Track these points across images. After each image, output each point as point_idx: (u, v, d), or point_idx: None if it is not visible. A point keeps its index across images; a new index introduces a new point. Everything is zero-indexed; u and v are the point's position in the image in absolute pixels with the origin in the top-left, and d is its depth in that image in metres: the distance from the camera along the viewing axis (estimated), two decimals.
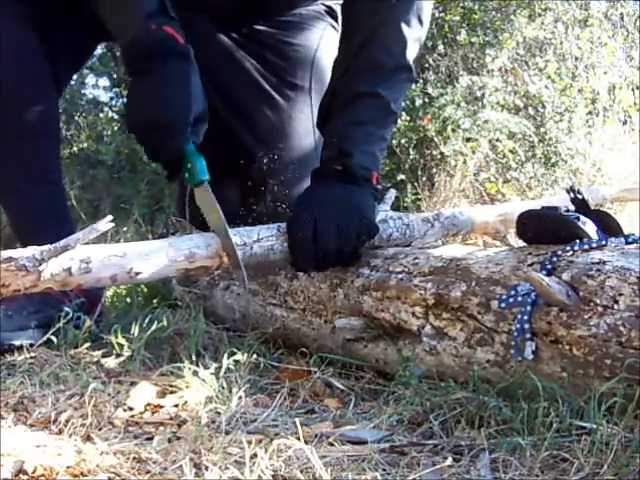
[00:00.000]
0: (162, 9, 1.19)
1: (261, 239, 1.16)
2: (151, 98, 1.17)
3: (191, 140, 1.16)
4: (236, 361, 1.09)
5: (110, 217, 0.97)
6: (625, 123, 3.07)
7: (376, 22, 1.27)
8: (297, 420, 0.85)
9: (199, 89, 1.19)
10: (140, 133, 1.20)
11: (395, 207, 1.36)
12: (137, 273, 1.03)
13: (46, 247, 0.95)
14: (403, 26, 1.28)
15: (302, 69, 1.58)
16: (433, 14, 2.86)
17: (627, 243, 0.99)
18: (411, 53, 1.30)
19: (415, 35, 1.30)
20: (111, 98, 3.50)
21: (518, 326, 0.92)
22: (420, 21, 1.30)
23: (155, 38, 1.17)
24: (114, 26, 1.25)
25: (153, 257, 1.04)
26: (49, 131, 1.43)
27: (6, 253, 0.93)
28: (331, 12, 1.63)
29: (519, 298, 0.93)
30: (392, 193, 1.42)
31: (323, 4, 1.62)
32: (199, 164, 1.16)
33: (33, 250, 0.94)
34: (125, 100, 1.24)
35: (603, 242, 0.98)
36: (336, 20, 1.62)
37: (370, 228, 1.21)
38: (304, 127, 1.56)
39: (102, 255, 1.00)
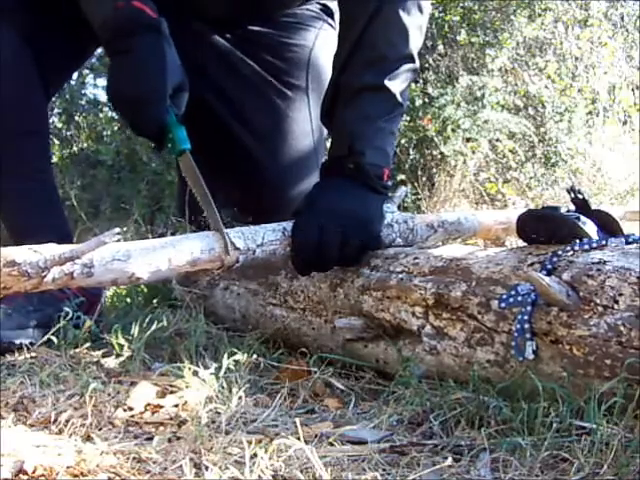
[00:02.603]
0: None
1: (265, 243, 1.16)
2: (127, 74, 1.20)
3: (172, 111, 1.18)
4: (236, 361, 1.09)
5: (117, 229, 0.97)
6: (625, 123, 3.07)
7: (370, 11, 1.25)
8: (297, 420, 0.84)
9: (174, 60, 1.21)
10: (121, 109, 1.23)
11: (397, 206, 1.35)
12: (138, 278, 1.03)
13: (50, 255, 0.94)
14: (402, 14, 1.26)
15: (298, 69, 1.58)
16: (433, 14, 2.86)
17: (627, 243, 0.98)
18: (414, 42, 1.28)
19: (416, 23, 1.28)
20: None
21: (518, 326, 0.92)
22: (420, 9, 1.28)
23: (124, 15, 1.20)
24: (88, 13, 1.27)
25: (156, 262, 1.04)
26: (36, 131, 1.43)
27: (9, 255, 0.93)
28: (327, 10, 1.62)
29: (519, 298, 0.93)
30: (402, 191, 1.41)
31: (318, 2, 1.62)
32: (180, 133, 1.18)
33: (37, 256, 0.94)
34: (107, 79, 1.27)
35: (603, 242, 0.98)
36: (332, 18, 1.62)
37: (375, 240, 1.21)
38: (302, 127, 1.56)
39: (105, 260, 0.99)
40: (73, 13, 1.29)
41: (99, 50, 1.81)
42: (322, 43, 1.58)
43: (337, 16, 1.57)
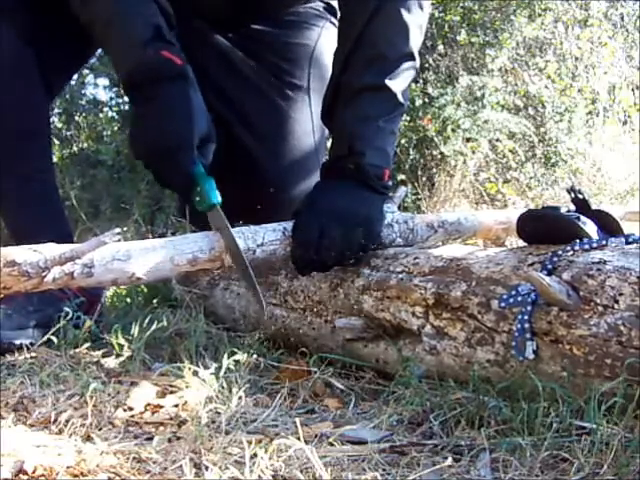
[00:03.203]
0: (158, 34, 1.18)
1: (265, 243, 1.16)
2: (153, 124, 1.16)
3: (199, 162, 1.15)
4: (236, 361, 1.09)
5: (118, 229, 0.96)
6: (625, 123, 3.07)
7: (370, 10, 1.25)
8: (297, 420, 0.84)
9: (202, 109, 1.17)
10: (146, 160, 1.19)
11: (397, 206, 1.35)
12: (138, 278, 1.03)
13: (51, 255, 0.94)
14: (403, 12, 1.25)
15: (300, 68, 1.57)
16: (433, 14, 2.86)
17: (627, 243, 0.99)
18: (414, 40, 1.27)
19: (417, 21, 1.27)
20: (111, 98, 3.49)
21: (519, 326, 0.92)
22: (420, 6, 1.27)
23: (152, 63, 1.16)
24: (113, 57, 1.25)
25: (156, 262, 1.04)
26: (37, 131, 1.43)
27: (9, 255, 0.93)
28: (330, 9, 1.62)
29: (519, 298, 0.93)
30: (402, 191, 1.41)
31: (322, 1, 1.61)
32: (208, 186, 1.14)
33: (37, 256, 0.94)
34: (129, 129, 1.23)
35: (603, 242, 0.98)
36: (335, 16, 1.61)
37: (375, 240, 1.20)
38: (303, 127, 1.56)
39: (105, 259, 0.99)
40: (74, 13, 1.29)
41: (99, 50, 1.80)
42: (325, 42, 1.57)
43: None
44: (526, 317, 0.91)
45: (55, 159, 3.15)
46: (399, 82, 1.26)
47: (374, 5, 1.25)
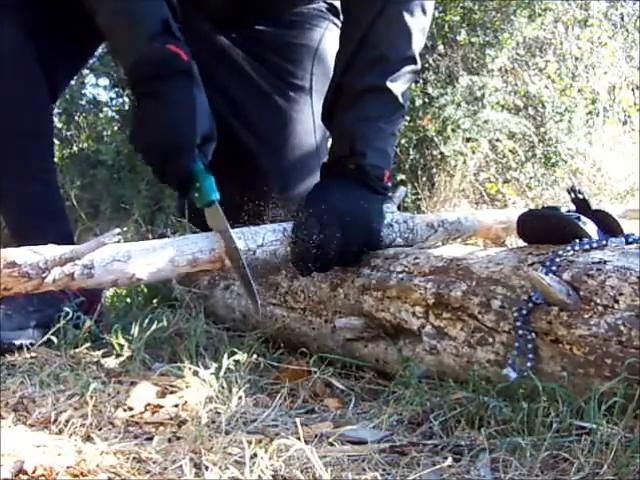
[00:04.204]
0: (166, 28, 1.18)
1: (265, 243, 1.16)
2: (156, 119, 1.16)
3: (199, 160, 1.15)
4: (236, 361, 1.09)
5: (117, 230, 0.96)
6: (625, 123, 3.07)
7: (375, 12, 1.25)
8: (297, 420, 0.84)
9: (205, 108, 1.17)
10: (146, 155, 1.19)
11: (396, 206, 1.35)
12: (138, 279, 1.03)
13: (51, 256, 0.94)
14: (406, 16, 1.26)
15: (303, 69, 1.57)
16: (433, 14, 2.85)
17: (627, 243, 0.99)
18: (416, 44, 1.28)
19: (419, 25, 1.28)
20: (111, 98, 3.50)
21: (517, 344, 0.92)
22: (424, 10, 1.28)
23: (158, 57, 1.16)
24: (117, 48, 1.24)
25: (156, 263, 1.04)
26: (39, 131, 1.43)
27: (10, 256, 0.93)
28: (333, 9, 1.62)
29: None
30: (401, 191, 1.41)
31: (325, 1, 1.61)
32: (207, 184, 1.14)
33: (37, 257, 0.94)
34: (131, 122, 1.23)
35: (603, 242, 0.98)
36: (338, 17, 1.61)
37: (375, 240, 1.21)
38: (305, 128, 1.56)
39: (105, 261, 0.99)
40: (75, 11, 1.29)
41: (100, 50, 1.80)
42: (327, 43, 1.57)
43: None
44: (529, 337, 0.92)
45: (55, 159, 3.15)
46: (400, 84, 1.27)
47: (379, 7, 1.25)
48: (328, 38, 1.58)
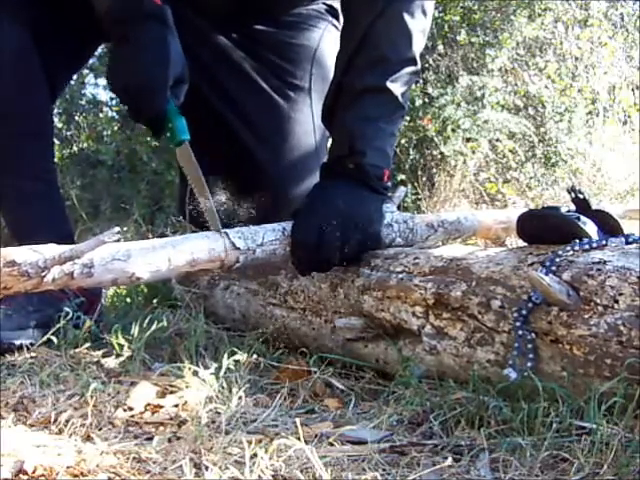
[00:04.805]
0: None
1: (265, 243, 1.16)
2: (131, 61, 1.21)
3: (172, 100, 1.19)
4: (236, 361, 1.09)
5: (117, 229, 0.96)
6: (625, 123, 3.07)
7: (375, 13, 1.25)
8: (297, 420, 0.84)
9: (177, 50, 1.21)
10: (122, 96, 1.25)
11: (396, 206, 1.35)
12: (138, 278, 1.03)
13: (50, 255, 0.94)
14: (406, 17, 1.26)
15: (302, 69, 1.58)
16: (433, 14, 2.85)
17: (627, 243, 0.99)
18: (417, 45, 1.28)
19: (420, 26, 1.28)
20: (111, 98, 3.49)
21: (516, 345, 0.92)
22: (424, 12, 1.28)
23: (132, 2, 1.20)
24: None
25: (156, 262, 1.04)
26: (39, 131, 1.43)
27: (9, 255, 0.93)
28: (332, 11, 1.62)
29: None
30: (401, 191, 1.41)
31: (324, 3, 1.62)
32: (179, 124, 1.19)
33: (37, 256, 0.94)
34: (107, 65, 1.29)
35: (603, 242, 0.98)
36: (337, 19, 1.61)
37: (375, 240, 1.21)
38: (304, 128, 1.56)
39: (105, 260, 0.99)
40: (76, 10, 1.29)
41: (100, 49, 1.80)
42: (326, 44, 1.58)
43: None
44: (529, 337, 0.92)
45: (55, 159, 3.15)
46: (400, 85, 1.27)
47: (380, 7, 1.25)
48: (327, 39, 1.59)
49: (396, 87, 1.26)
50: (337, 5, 1.61)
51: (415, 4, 1.27)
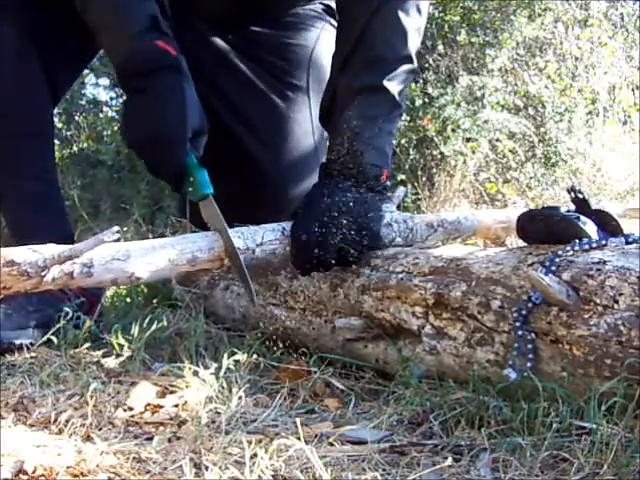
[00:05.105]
0: (154, 24, 1.18)
1: (264, 242, 1.16)
2: (147, 115, 1.17)
3: (191, 154, 1.15)
4: (236, 361, 1.09)
5: (117, 228, 0.96)
6: (625, 123, 3.07)
7: (370, 11, 1.26)
8: (297, 420, 0.84)
9: (195, 102, 1.18)
10: (139, 150, 1.20)
11: (396, 206, 1.35)
12: (138, 278, 1.03)
13: (50, 254, 0.94)
14: (402, 15, 1.26)
15: (300, 69, 1.58)
16: (433, 14, 2.86)
17: (627, 243, 0.99)
18: (412, 43, 1.28)
19: (415, 24, 1.28)
20: (111, 98, 3.49)
21: (516, 345, 0.92)
22: (419, 10, 1.29)
23: (147, 53, 1.17)
24: (108, 46, 1.25)
25: (156, 262, 1.04)
26: (40, 132, 1.43)
27: (9, 255, 0.93)
28: (329, 10, 1.62)
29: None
30: (401, 192, 1.41)
31: (321, 3, 1.62)
32: (201, 177, 1.15)
33: (36, 255, 0.94)
34: (121, 118, 1.25)
35: (603, 242, 0.98)
36: (334, 18, 1.61)
37: (374, 240, 1.21)
38: (303, 128, 1.56)
39: (104, 259, 1.00)
40: (76, 11, 1.29)
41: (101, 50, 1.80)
42: (323, 43, 1.58)
43: None
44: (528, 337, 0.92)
45: (55, 159, 3.15)
46: (397, 83, 1.27)
47: (375, 6, 1.25)
48: (324, 38, 1.59)
49: (393, 86, 1.26)
50: (334, 5, 1.61)
51: (410, 2, 1.27)
